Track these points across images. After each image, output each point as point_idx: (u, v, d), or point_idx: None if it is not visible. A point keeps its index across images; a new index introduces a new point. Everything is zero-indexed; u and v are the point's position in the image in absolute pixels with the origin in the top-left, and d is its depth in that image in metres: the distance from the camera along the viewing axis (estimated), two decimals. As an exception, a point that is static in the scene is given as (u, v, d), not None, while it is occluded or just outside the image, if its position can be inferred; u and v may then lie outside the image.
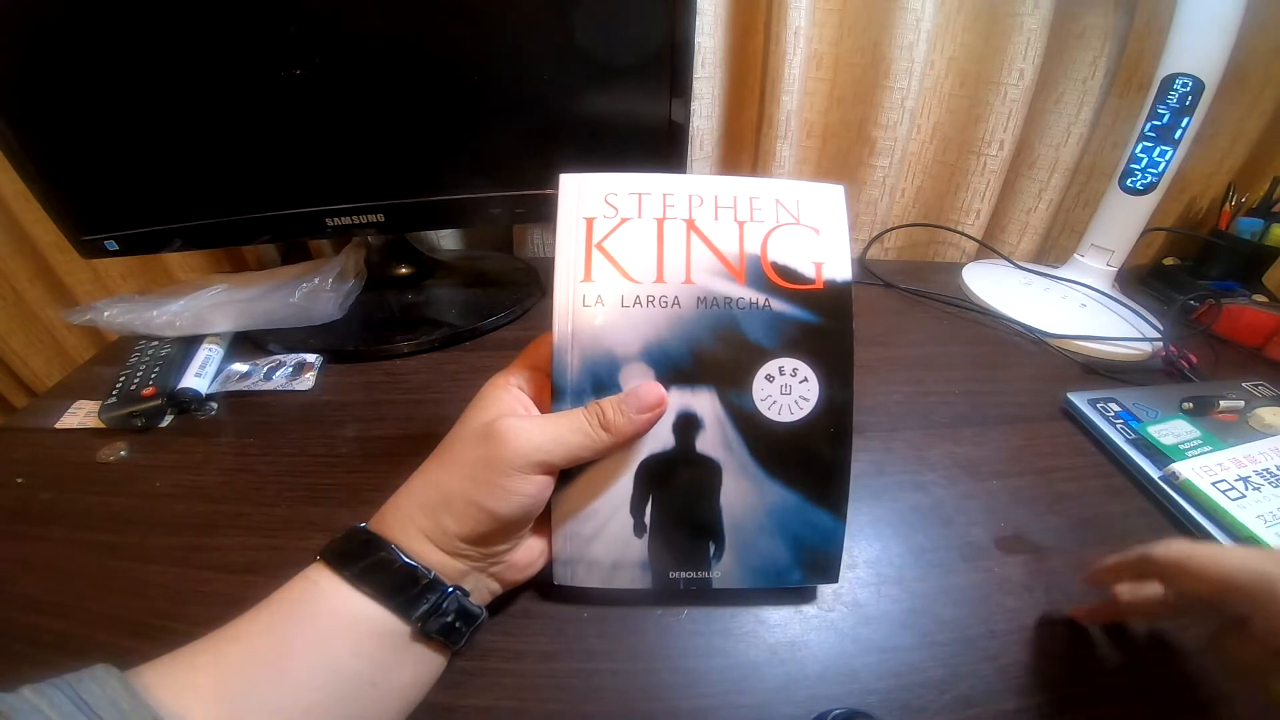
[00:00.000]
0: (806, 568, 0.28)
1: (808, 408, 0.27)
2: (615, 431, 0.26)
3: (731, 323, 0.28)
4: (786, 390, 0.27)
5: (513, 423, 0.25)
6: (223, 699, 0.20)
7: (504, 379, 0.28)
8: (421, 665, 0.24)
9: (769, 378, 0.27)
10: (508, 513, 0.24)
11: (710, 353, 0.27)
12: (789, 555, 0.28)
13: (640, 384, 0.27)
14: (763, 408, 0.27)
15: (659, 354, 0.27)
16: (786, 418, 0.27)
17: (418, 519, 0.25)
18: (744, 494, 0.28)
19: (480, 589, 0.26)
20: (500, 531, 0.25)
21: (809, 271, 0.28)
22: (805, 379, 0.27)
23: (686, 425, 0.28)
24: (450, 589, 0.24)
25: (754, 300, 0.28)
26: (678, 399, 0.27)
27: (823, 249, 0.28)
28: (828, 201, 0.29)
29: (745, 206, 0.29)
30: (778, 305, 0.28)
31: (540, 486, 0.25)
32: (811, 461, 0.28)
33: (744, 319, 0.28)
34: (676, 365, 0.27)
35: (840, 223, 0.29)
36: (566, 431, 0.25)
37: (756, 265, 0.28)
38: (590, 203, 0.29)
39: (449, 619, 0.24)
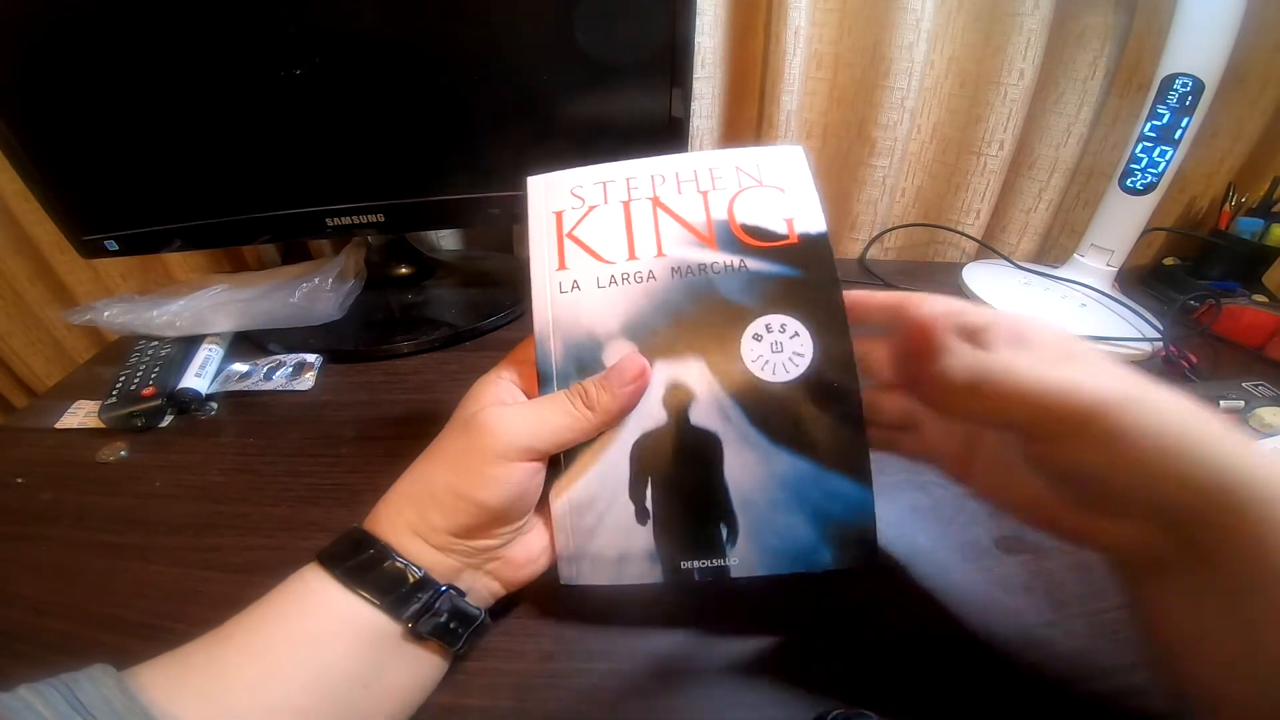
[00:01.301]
0: (836, 545, 0.26)
1: (804, 364, 0.26)
2: (601, 409, 0.25)
3: (709, 287, 0.27)
4: (778, 348, 0.26)
5: (494, 411, 0.25)
6: (215, 698, 0.20)
7: (494, 374, 0.28)
8: (417, 667, 0.24)
9: (757, 337, 0.26)
10: (494, 502, 0.24)
11: (691, 320, 0.27)
12: (813, 532, 0.26)
13: (621, 358, 0.26)
14: (755, 369, 0.26)
15: (640, 328, 0.27)
16: (782, 377, 0.26)
17: (406, 515, 0.24)
18: (750, 466, 0.26)
19: (479, 589, 0.26)
20: (489, 523, 0.24)
21: (780, 229, 0.28)
22: (796, 334, 0.26)
23: (677, 396, 0.26)
24: (444, 588, 0.24)
25: (728, 263, 0.27)
26: (665, 371, 0.26)
27: (791, 206, 0.28)
28: (788, 161, 0.29)
29: (706, 177, 0.29)
30: (754, 264, 0.27)
31: (527, 474, 0.24)
32: (818, 421, 0.26)
33: (720, 282, 0.27)
34: (659, 337, 0.27)
35: (805, 179, 0.29)
36: (550, 414, 0.25)
37: (726, 229, 0.28)
38: (557, 198, 0.29)
39: (442, 619, 0.23)
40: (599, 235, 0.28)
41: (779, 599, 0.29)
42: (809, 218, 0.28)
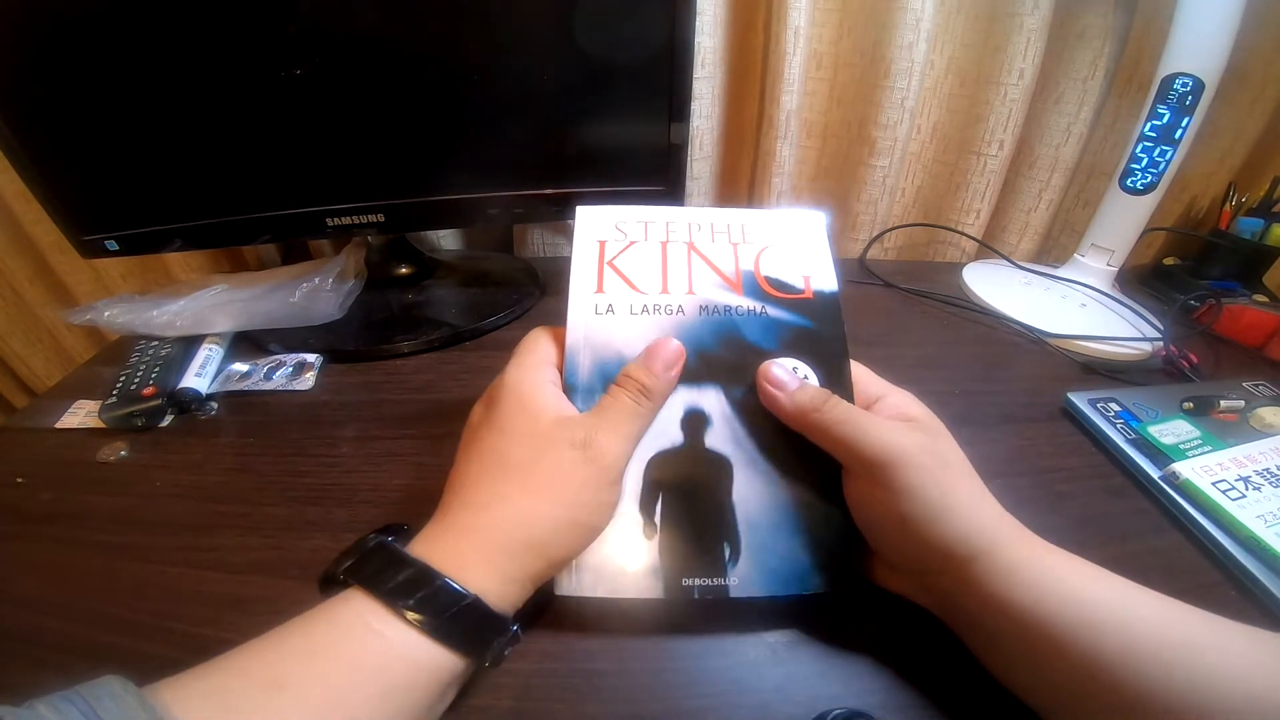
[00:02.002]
0: (825, 570, 0.27)
1: None
2: (653, 394, 0.27)
3: (732, 327, 0.30)
4: None
5: (603, 439, 0.25)
6: None
7: (535, 374, 0.28)
8: (460, 685, 0.24)
9: None
10: (605, 524, 0.26)
11: (713, 354, 0.29)
12: (807, 557, 0.27)
13: (654, 342, 0.28)
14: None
15: None
16: None
17: (520, 558, 0.24)
18: (756, 490, 0.28)
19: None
20: (590, 543, 0.26)
21: (799, 283, 0.31)
22: (806, 376, 0.29)
23: (695, 421, 0.28)
24: (515, 627, 0.24)
25: (751, 308, 0.30)
26: (685, 396, 0.29)
27: (809, 264, 0.32)
28: (810, 225, 0.33)
29: (738, 231, 0.33)
30: (773, 312, 0.30)
31: (622, 487, 0.27)
32: (819, 454, 0.27)
33: (743, 324, 0.30)
34: (682, 365, 0.28)
35: (822, 243, 0.33)
36: (627, 423, 0.26)
37: (751, 278, 0.31)
38: (602, 228, 0.32)
39: (506, 651, 0.24)
40: (636, 268, 0.31)
41: (778, 600, 0.29)
42: (824, 276, 0.32)
